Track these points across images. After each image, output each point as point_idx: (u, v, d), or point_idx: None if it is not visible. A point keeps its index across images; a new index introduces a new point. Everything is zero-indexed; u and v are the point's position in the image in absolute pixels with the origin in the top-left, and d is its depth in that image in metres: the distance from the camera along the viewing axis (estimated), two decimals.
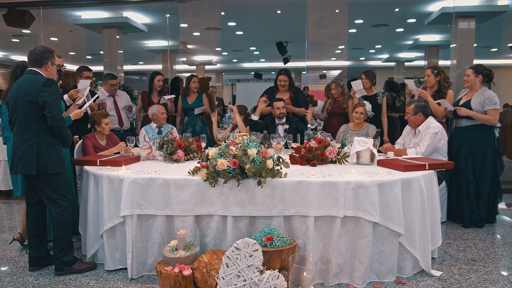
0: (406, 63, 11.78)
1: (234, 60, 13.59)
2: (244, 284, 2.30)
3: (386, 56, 11.84)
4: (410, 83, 4.21)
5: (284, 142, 3.83)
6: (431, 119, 3.65)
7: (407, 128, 3.87)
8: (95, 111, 4.01)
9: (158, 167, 3.07)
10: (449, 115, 4.08)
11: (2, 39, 9.05)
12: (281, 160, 2.72)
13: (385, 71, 12.26)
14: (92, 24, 7.19)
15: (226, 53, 11.94)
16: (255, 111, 4.61)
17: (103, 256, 2.93)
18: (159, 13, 7.05)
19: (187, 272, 2.44)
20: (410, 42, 9.58)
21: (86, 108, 3.46)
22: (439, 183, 3.74)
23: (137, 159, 3.44)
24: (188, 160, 3.44)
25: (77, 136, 4.10)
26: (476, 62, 6.04)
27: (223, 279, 2.31)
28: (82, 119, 3.49)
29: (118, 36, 7.23)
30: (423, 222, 2.76)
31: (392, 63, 12.07)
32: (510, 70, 11.58)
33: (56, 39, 8.89)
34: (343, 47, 10.44)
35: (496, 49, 10.35)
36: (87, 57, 11.45)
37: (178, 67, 10.55)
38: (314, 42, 8.26)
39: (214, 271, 2.41)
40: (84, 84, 3.74)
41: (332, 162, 3.27)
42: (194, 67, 12.51)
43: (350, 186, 2.57)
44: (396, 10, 7.06)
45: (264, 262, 2.38)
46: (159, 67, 9.81)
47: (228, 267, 2.33)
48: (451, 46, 6.13)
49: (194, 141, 3.58)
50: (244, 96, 15.40)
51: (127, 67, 9.83)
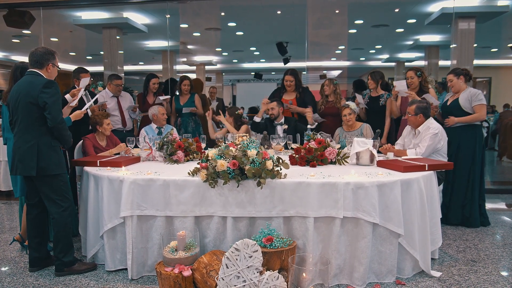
0: (406, 63, 11.79)
1: (234, 61, 13.59)
2: (244, 285, 2.30)
3: (386, 56, 11.85)
4: (400, 85, 4.19)
5: (284, 143, 3.83)
6: (431, 120, 3.65)
7: (407, 128, 3.87)
8: (96, 111, 4.01)
9: (158, 168, 3.08)
10: (435, 111, 4.08)
11: (2, 39, 9.06)
12: (280, 161, 2.72)
13: (385, 71, 12.16)
14: (92, 25, 7.21)
15: (226, 53, 11.95)
16: (248, 111, 4.63)
17: (103, 257, 2.94)
18: (159, 13, 7.06)
19: (187, 273, 2.45)
20: (410, 43, 9.59)
21: (86, 109, 3.46)
22: (439, 183, 3.75)
23: (137, 159, 3.44)
24: (188, 161, 3.44)
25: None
26: (476, 62, 6.06)
27: (223, 280, 2.32)
28: (82, 120, 3.50)
29: (118, 37, 7.24)
30: (423, 223, 2.76)
31: (392, 63, 12.09)
32: (510, 70, 11.59)
33: (56, 39, 8.91)
34: (343, 47, 10.45)
35: (496, 49, 10.36)
36: (87, 57, 11.46)
37: (178, 67, 10.55)
38: (314, 42, 8.26)
39: (213, 272, 2.41)
40: (84, 83, 3.75)
41: (332, 163, 3.27)
42: (194, 68, 12.52)
43: (350, 187, 2.58)
44: (396, 10, 7.07)
45: (263, 263, 2.39)
46: (159, 67, 9.82)
47: (227, 268, 2.33)
48: (451, 46, 6.15)
49: (194, 141, 3.58)
50: (244, 96, 15.43)
51: (127, 68, 9.84)
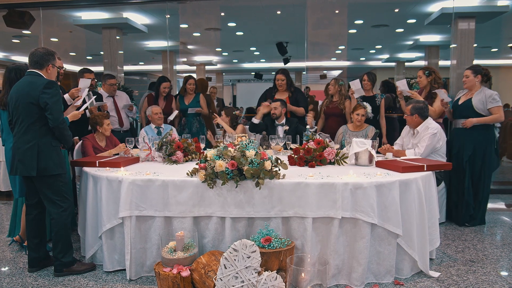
0: (407, 63, 11.79)
1: (234, 61, 13.60)
2: (242, 286, 2.31)
3: (386, 56, 11.85)
4: (401, 84, 4.20)
5: (283, 143, 3.84)
6: (429, 120, 3.65)
7: (406, 128, 3.88)
8: (95, 112, 4.02)
9: (157, 168, 3.08)
10: (445, 108, 4.04)
11: (2, 39, 9.07)
12: (279, 161, 2.72)
13: (385, 71, 12.28)
14: (92, 25, 7.20)
15: (226, 53, 11.95)
16: (246, 111, 4.63)
17: (102, 257, 2.94)
18: (159, 13, 7.06)
19: (185, 273, 2.45)
20: (410, 43, 9.58)
21: (84, 110, 3.46)
22: (438, 184, 3.76)
23: (136, 160, 3.45)
24: (187, 161, 3.45)
25: (77, 137, 4.11)
26: (476, 62, 6.05)
27: (221, 280, 2.32)
28: (81, 120, 3.50)
29: (118, 37, 7.24)
30: (421, 223, 2.76)
31: (393, 63, 12.09)
32: (510, 70, 11.59)
33: (56, 39, 8.91)
34: (343, 47, 10.44)
35: (496, 49, 10.35)
36: (87, 57, 11.47)
37: (178, 67, 10.56)
38: (313, 42, 8.26)
39: (212, 272, 2.42)
40: (84, 83, 3.74)
41: (331, 163, 3.27)
42: (194, 68, 12.52)
43: (348, 187, 2.58)
44: (396, 10, 7.06)
45: (262, 263, 2.39)
46: (159, 67, 9.82)
47: (226, 268, 2.33)
48: (451, 46, 6.14)
49: (193, 142, 3.58)
50: (245, 96, 15.43)
51: (127, 68, 9.86)
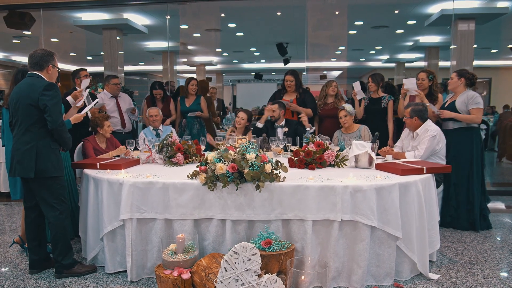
0: (406, 64, 11.81)
1: (234, 61, 13.61)
2: None
3: (386, 57, 11.86)
4: (410, 83, 4.19)
5: (283, 145, 3.85)
6: (429, 122, 3.66)
7: (406, 131, 3.89)
8: (96, 114, 4.03)
9: (157, 171, 3.09)
10: (437, 118, 4.10)
11: (2, 40, 9.08)
12: (279, 164, 2.73)
13: (385, 72, 12.23)
14: (93, 26, 7.23)
15: (226, 54, 11.97)
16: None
17: (103, 259, 2.96)
18: (159, 14, 7.08)
19: (186, 275, 2.46)
20: (410, 44, 9.60)
21: (86, 112, 3.47)
22: (437, 186, 3.76)
23: (136, 162, 3.46)
24: (187, 163, 3.46)
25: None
26: (475, 63, 6.08)
27: (222, 283, 2.33)
28: (82, 122, 3.51)
29: (118, 38, 7.26)
30: (421, 225, 2.78)
31: (392, 64, 12.10)
32: (510, 71, 11.59)
33: (56, 40, 8.92)
34: (343, 48, 10.46)
35: (496, 50, 10.37)
36: (88, 58, 11.48)
37: (178, 67, 10.57)
38: (314, 43, 8.28)
39: (212, 275, 2.43)
40: (85, 84, 3.76)
41: (331, 165, 3.28)
42: (194, 68, 12.53)
43: (348, 190, 2.59)
44: (396, 12, 7.09)
45: (262, 266, 2.40)
46: (159, 68, 9.84)
47: (226, 271, 2.35)
48: (451, 47, 6.16)
49: (193, 144, 3.59)
50: (245, 97, 15.44)
51: (127, 68, 9.87)
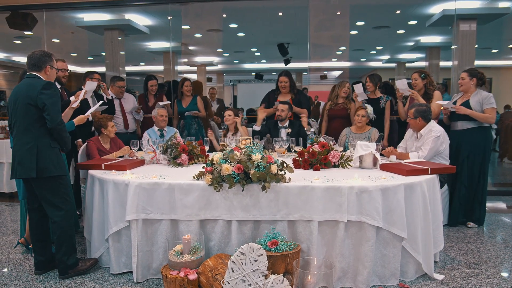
0: (407, 64, 11.81)
1: (235, 61, 13.61)
2: None
3: (387, 57, 11.87)
4: (401, 84, 4.22)
5: (287, 146, 3.86)
6: (432, 123, 3.67)
7: (409, 131, 3.90)
8: (99, 115, 4.03)
9: (162, 171, 3.10)
10: (446, 115, 4.11)
11: (4, 40, 9.08)
12: (285, 165, 2.74)
13: (386, 72, 12.28)
14: (94, 26, 7.23)
15: (227, 54, 11.97)
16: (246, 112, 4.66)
17: (108, 260, 2.96)
18: (161, 15, 7.08)
19: (193, 276, 2.47)
20: (411, 44, 9.61)
21: (89, 114, 3.48)
22: (441, 186, 3.77)
23: (141, 163, 3.46)
24: (192, 164, 3.46)
25: (80, 139, 4.13)
26: (477, 63, 6.09)
27: (229, 283, 2.34)
28: (84, 123, 3.51)
29: (120, 38, 7.26)
30: (426, 226, 2.78)
31: (393, 64, 12.11)
32: (510, 71, 11.61)
33: (58, 40, 8.92)
34: (344, 48, 10.47)
35: (497, 50, 10.38)
36: (89, 58, 11.47)
37: (179, 68, 10.57)
38: (315, 43, 8.29)
39: (219, 275, 2.43)
40: (90, 86, 3.76)
41: (335, 166, 3.29)
42: (195, 68, 12.54)
43: (354, 191, 2.60)
44: (397, 12, 7.09)
45: (268, 267, 2.41)
46: (161, 68, 9.83)
47: (233, 271, 2.35)
48: (452, 47, 6.16)
49: (197, 145, 3.60)
50: (245, 97, 15.45)
51: (128, 68, 9.85)
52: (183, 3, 6.41)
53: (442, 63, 8.99)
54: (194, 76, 12.42)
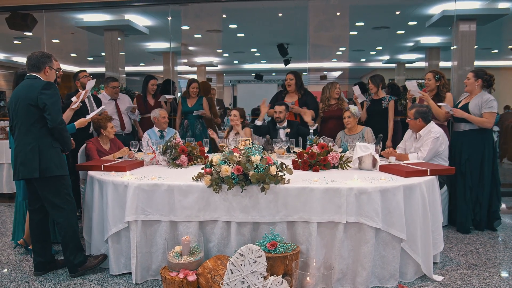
0: (407, 65, 11.79)
1: (235, 62, 13.61)
2: None
3: (386, 57, 11.86)
4: (411, 85, 4.21)
5: (286, 147, 3.85)
6: (432, 124, 3.67)
7: (408, 132, 3.90)
8: (99, 115, 4.03)
9: (162, 172, 3.10)
10: (450, 118, 4.11)
11: (3, 41, 9.08)
12: (284, 166, 2.74)
13: (385, 72, 12.26)
14: (94, 27, 7.23)
15: (227, 54, 11.97)
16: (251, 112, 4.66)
17: (108, 261, 2.96)
18: (161, 16, 7.08)
19: (192, 278, 2.47)
20: (411, 44, 9.60)
21: (90, 118, 3.49)
22: (440, 187, 3.77)
23: (140, 164, 3.46)
24: (191, 165, 3.46)
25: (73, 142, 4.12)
26: (476, 63, 6.09)
27: (228, 285, 2.34)
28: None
29: (119, 38, 7.26)
30: (425, 227, 2.79)
31: (393, 65, 12.09)
32: (510, 72, 11.60)
33: (57, 41, 8.92)
34: (344, 49, 10.47)
35: (496, 50, 10.38)
36: (89, 58, 11.47)
37: (179, 68, 10.56)
38: (315, 44, 8.29)
39: (218, 277, 2.44)
40: (90, 84, 3.77)
41: (334, 167, 3.29)
42: (195, 69, 12.53)
43: (353, 192, 2.60)
44: (397, 13, 7.09)
45: (268, 268, 2.41)
46: (160, 68, 9.83)
47: (232, 273, 2.35)
48: (452, 48, 6.16)
49: (197, 146, 3.60)
50: (245, 97, 15.43)
51: (128, 69, 9.85)
52: (183, 4, 6.41)
53: (442, 64, 8.97)
54: (194, 77, 12.42)
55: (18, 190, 3.41)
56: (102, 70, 7.45)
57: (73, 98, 3.63)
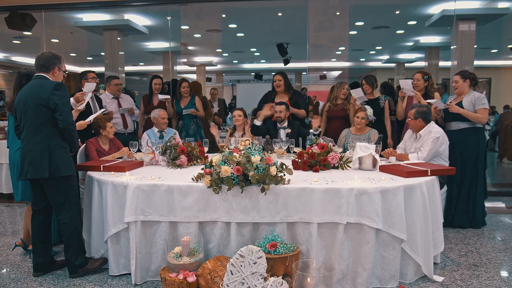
0: (407, 64, 11.80)
1: (234, 61, 13.60)
2: None
3: (386, 57, 11.86)
4: (405, 84, 4.23)
5: (286, 147, 3.85)
6: (432, 124, 3.66)
7: (408, 132, 3.89)
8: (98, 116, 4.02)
9: (161, 173, 3.09)
10: (438, 115, 4.13)
11: (3, 40, 9.06)
12: (284, 166, 2.73)
13: (385, 72, 12.29)
14: (93, 27, 7.22)
15: (226, 54, 11.96)
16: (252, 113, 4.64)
17: (107, 261, 2.95)
18: (160, 15, 7.07)
19: (192, 278, 2.47)
20: (411, 44, 9.60)
21: (91, 120, 3.47)
22: (441, 187, 3.76)
23: (140, 164, 3.45)
24: (191, 165, 3.45)
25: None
26: (476, 63, 6.10)
27: (228, 286, 2.33)
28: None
29: (119, 38, 7.25)
30: (425, 228, 2.78)
31: (393, 64, 12.10)
32: (510, 71, 11.61)
33: (57, 40, 8.90)
34: (343, 48, 10.46)
35: (496, 50, 10.38)
36: (88, 58, 11.46)
37: (179, 68, 10.54)
38: (315, 44, 8.28)
39: (218, 278, 2.43)
40: (89, 87, 3.75)
41: (335, 167, 3.28)
42: (194, 68, 12.51)
43: (353, 193, 2.59)
44: (397, 12, 7.09)
45: (268, 269, 2.41)
46: (160, 68, 9.82)
47: (232, 274, 2.34)
48: (451, 47, 6.16)
49: (196, 146, 3.58)
50: (245, 97, 15.44)
51: (128, 68, 9.84)
52: (182, 4, 6.41)
53: (442, 63, 8.98)
54: (193, 76, 12.40)
55: (15, 190, 3.38)
56: (101, 69, 7.44)
57: (71, 99, 3.62)
